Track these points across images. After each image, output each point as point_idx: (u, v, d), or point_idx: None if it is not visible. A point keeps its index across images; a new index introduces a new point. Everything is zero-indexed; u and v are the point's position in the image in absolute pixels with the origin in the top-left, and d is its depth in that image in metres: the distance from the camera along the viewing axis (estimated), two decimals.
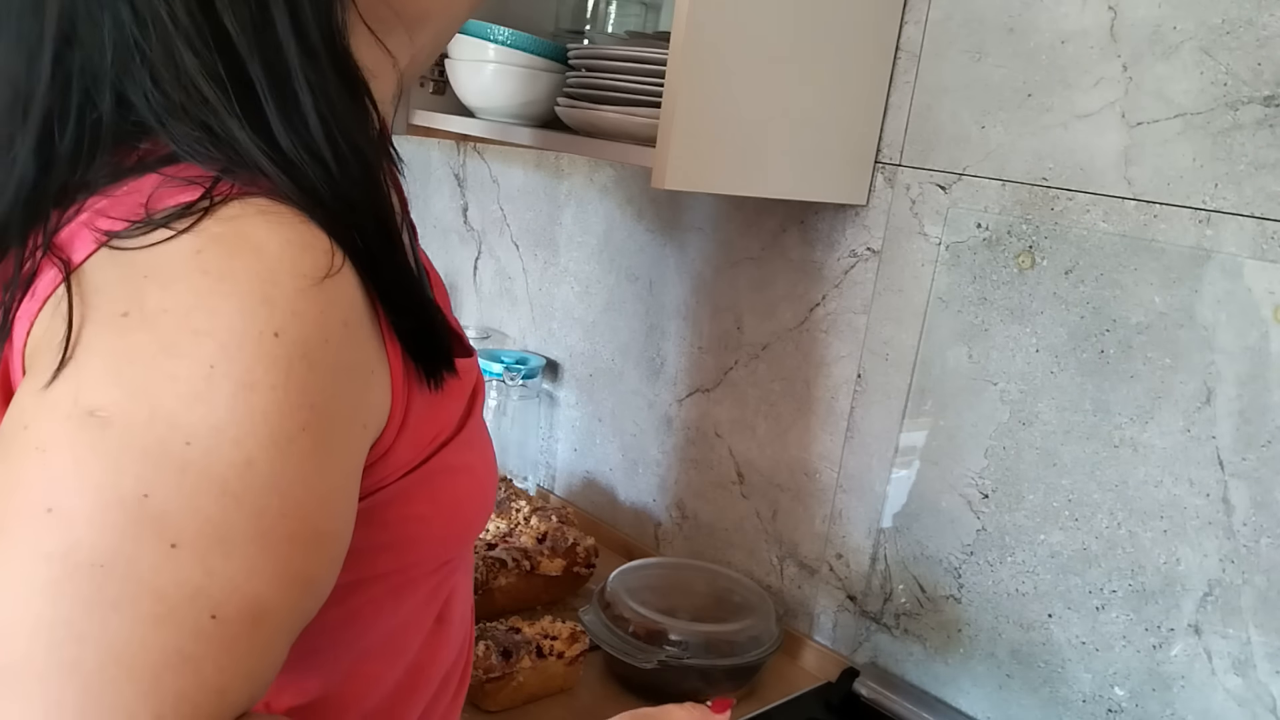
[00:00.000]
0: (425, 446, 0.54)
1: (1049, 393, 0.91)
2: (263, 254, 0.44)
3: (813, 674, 1.10)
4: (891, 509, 1.05)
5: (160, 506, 0.41)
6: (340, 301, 0.46)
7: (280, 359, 0.43)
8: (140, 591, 0.41)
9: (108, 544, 0.40)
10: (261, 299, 0.43)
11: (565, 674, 0.97)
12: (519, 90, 1.10)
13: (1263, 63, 0.77)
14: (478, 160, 1.56)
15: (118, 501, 0.40)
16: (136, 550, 0.41)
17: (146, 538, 0.41)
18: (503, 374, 1.37)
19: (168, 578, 0.41)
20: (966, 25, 0.95)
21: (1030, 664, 0.95)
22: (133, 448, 0.41)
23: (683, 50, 0.80)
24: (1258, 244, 0.78)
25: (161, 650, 0.41)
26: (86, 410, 0.41)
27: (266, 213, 0.45)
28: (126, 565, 0.41)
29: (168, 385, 0.41)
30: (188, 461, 0.41)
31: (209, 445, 0.42)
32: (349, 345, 0.46)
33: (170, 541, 0.41)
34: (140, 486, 0.41)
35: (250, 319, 0.42)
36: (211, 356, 0.42)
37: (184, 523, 0.42)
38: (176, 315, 0.42)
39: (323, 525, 0.47)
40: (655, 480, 1.32)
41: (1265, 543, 0.80)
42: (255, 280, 0.43)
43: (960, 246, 0.97)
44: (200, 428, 0.42)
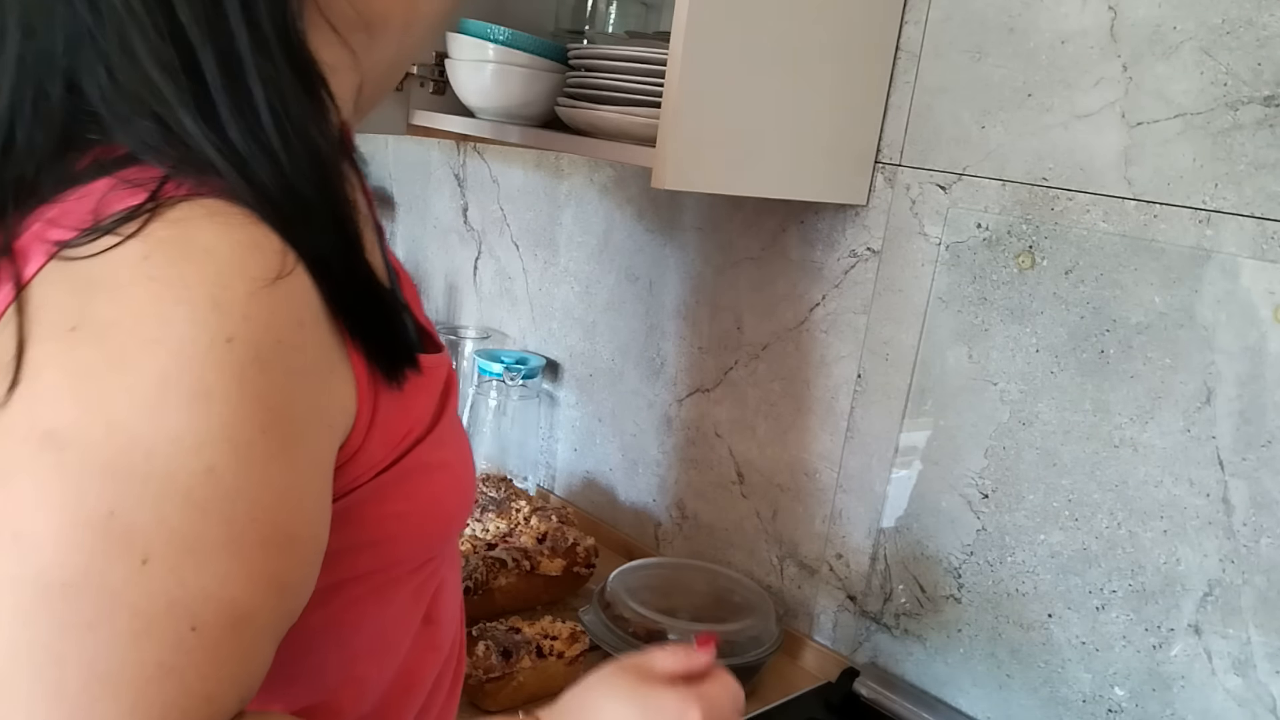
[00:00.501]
0: (398, 444, 0.54)
1: (1049, 393, 0.91)
2: (212, 257, 0.43)
3: (813, 674, 1.10)
4: (891, 509, 1.05)
5: (127, 522, 0.40)
6: (293, 303, 0.45)
7: (233, 365, 0.42)
8: (116, 609, 0.40)
9: (78, 564, 0.40)
10: (212, 304, 0.42)
11: (565, 674, 0.97)
12: (519, 90, 1.10)
13: (1263, 63, 0.77)
14: (478, 160, 1.56)
15: (84, 521, 0.40)
16: (107, 568, 0.40)
17: (116, 555, 0.40)
18: (503, 374, 1.37)
19: (142, 593, 0.41)
20: (966, 25, 0.95)
21: (1030, 664, 0.95)
22: (93, 466, 0.40)
23: (682, 50, 0.80)
24: (1258, 244, 0.78)
25: (143, 665, 0.41)
26: (43, 432, 0.40)
27: (215, 214, 0.44)
28: (99, 584, 0.40)
29: (123, 398, 0.41)
30: (149, 474, 0.41)
31: (169, 456, 0.41)
32: (305, 347, 0.46)
33: (141, 556, 0.41)
34: (104, 504, 0.40)
35: (201, 326, 0.42)
36: (164, 366, 0.41)
37: (152, 536, 0.41)
38: (126, 326, 0.41)
39: (294, 528, 0.46)
40: (655, 480, 1.32)
41: (1265, 543, 0.80)
42: (205, 285, 0.42)
43: (960, 246, 0.97)
44: (159, 439, 0.41)
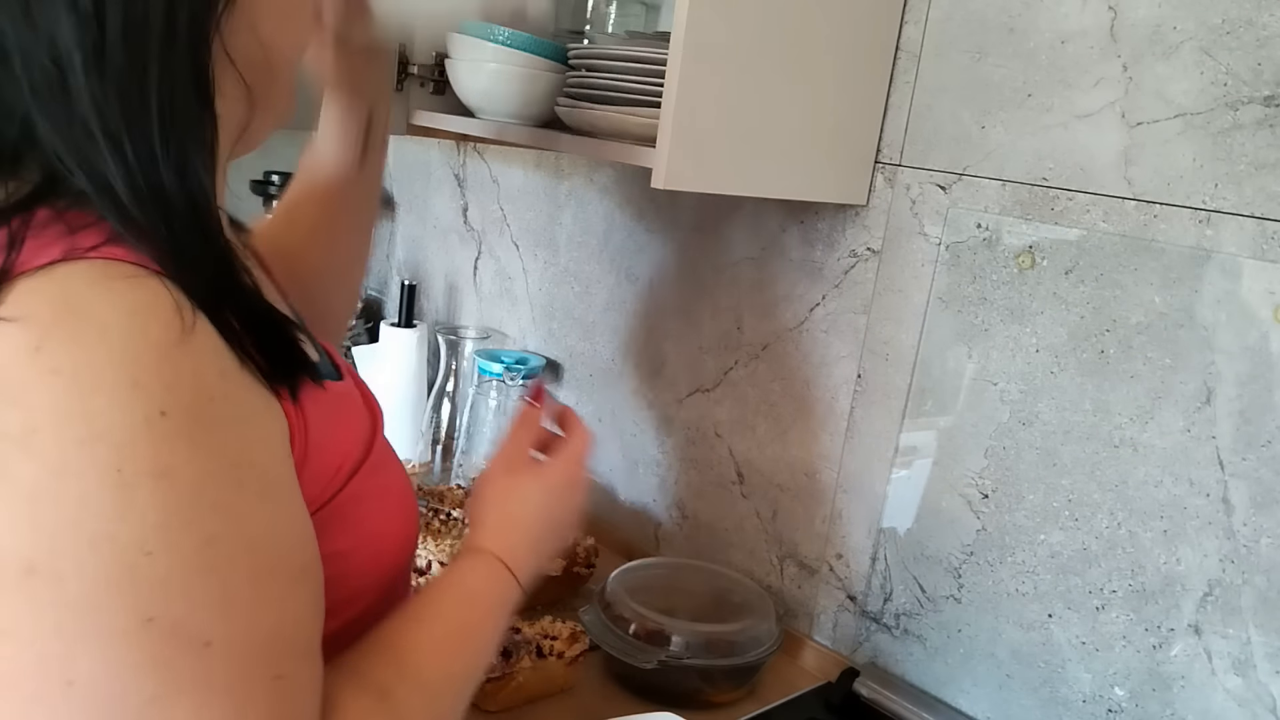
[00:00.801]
0: (331, 479, 0.53)
1: (1049, 393, 0.91)
2: (110, 333, 0.41)
3: (813, 674, 1.10)
4: (891, 509, 1.05)
5: (169, 620, 0.40)
6: (206, 354, 0.43)
7: (178, 435, 0.41)
8: (208, 696, 0.41)
9: (151, 677, 0.40)
10: (130, 384, 0.40)
11: (565, 674, 0.97)
12: (519, 90, 1.10)
13: (1263, 63, 0.77)
14: (478, 160, 1.56)
15: (128, 640, 0.39)
16: (180, 668, 0.40)
17: (178, 653, 0.40)
18: (503, 374, 1.37)
19: (221, 669, 0.41)
20: (966, 25, 0.95)
21: (1030, 664, 0.95)
22: (99, 586, 0.39)
23: (682, 50, 0.80)
24: (1258, 244, 0.78)
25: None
26: (23, 571, 0.38)
27: (96, 281, 0.42)
28: (178, 685, 0.40)
29: (85, 509, 0.39)
30: (159, 569, 0.40)
31: (166, 543, 0.40)
32: (234, 393, 0.45)
33: (201, 642, 0.41)
34: (136, 616, 0.39)
35: (127, 409, 0.40)
36: (111, 460, 0.39)
37: (199, 620, 0.41)
38: (49, 432, 0.39)
39: (305, 556, 0.47)
40: (655, 480, 1.32)
41: (1265, 543, 0.80)
42: (113, 366, 0.40)
43: (960, 246, 0.97)
44: (147, 533, 0.40)
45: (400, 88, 1.22)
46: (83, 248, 0.43)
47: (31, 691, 0.38)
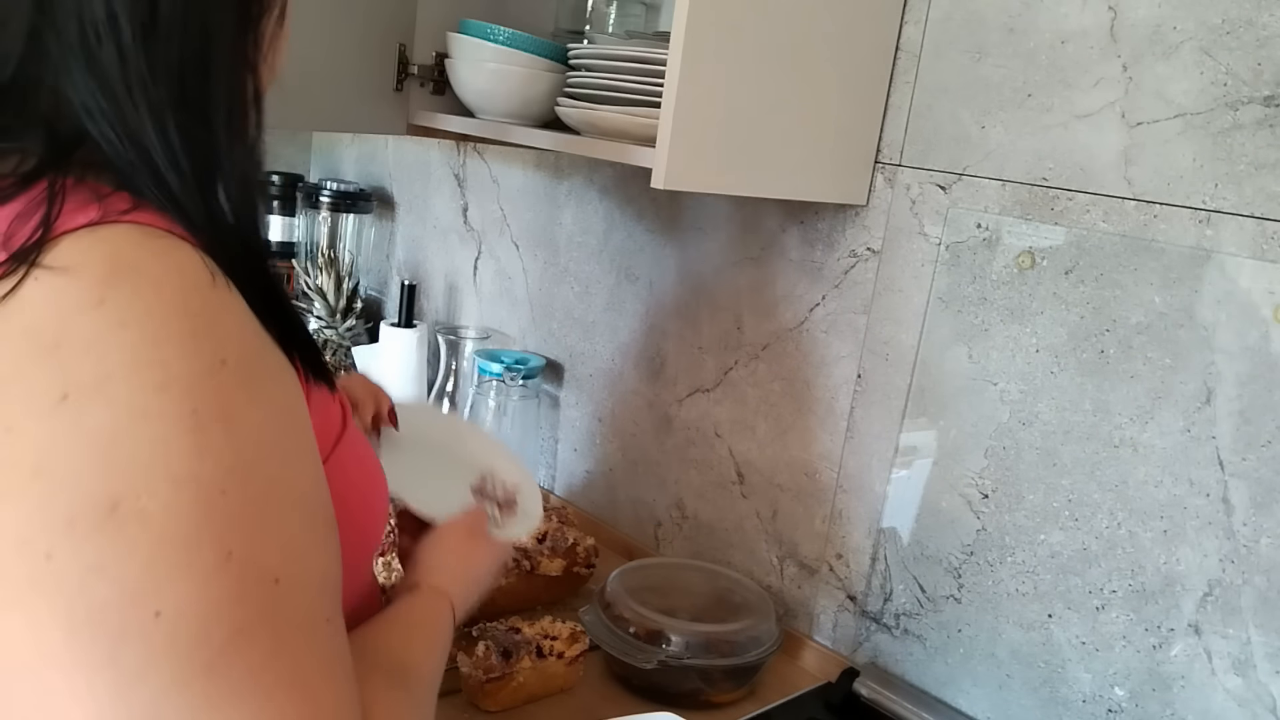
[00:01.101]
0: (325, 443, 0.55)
1: (1049, 393, 0.91)
2: (163, 288, 0.43)
3: (813, 674, 1.10)
4: (891, 509, 1.05)
5: (244, 555, 0.42)
6: (242, 314, 0.46)
7: (238, 383, 0.44)
8: (280, 631, 0.43)
9: (233, 611, 0.41)
10: (191, 334, 0.43)
11: (565, 674, 0.97)
12: (519, 90, 1.10)
13: (1263, 63, 0.77)
14: (478, 160, 1.56)
15: (210, 573, 0.41)
16: (257, 602, 0.42)
17: (254, 587, 0.42)
18: (503, 374, 1.37)
19: (290, 608, 0.44)
20: (966, 25, 0.95)
21: (1030, 664, 0.95)
22: (183, 523, 0.41)
23: (682, 50, 0.80)
24: (1258, 244, 0.78)
25: (319, 665, 0.45)
26: (107, 510, 0.40)
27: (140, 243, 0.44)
28: (257, 618, 0.42)
29: (164, 449, 0.41)
30: (234, 507, 0.42)
31: (238, 483, 0.42)
32: (269, 349, 0.47)
33: (272, 578, 0.43)
34: (218, 550, 0.41)
35: (195, 357, 0.42)
36: (186, 404, 0.41)
37: (269, 557, 0.43)
38: (124, 378, 0.41)
39: (330, 510, 0.49)
40: (655, 480, 1.32)
41: (1265, 543, 0.80)
42: (174, 318, 0.42)
43: (960, 246, 0.97)
44: (221, 473, 0.42)
45: (400, 88, 1.22)
46: (116, 210, 0.45)
47: (119, 626, 0.39)
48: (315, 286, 1.53)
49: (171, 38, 0.46)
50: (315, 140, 1.96)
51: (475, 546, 0.75)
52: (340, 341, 1.53)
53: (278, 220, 1.76)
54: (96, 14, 0.44)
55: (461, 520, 0.76)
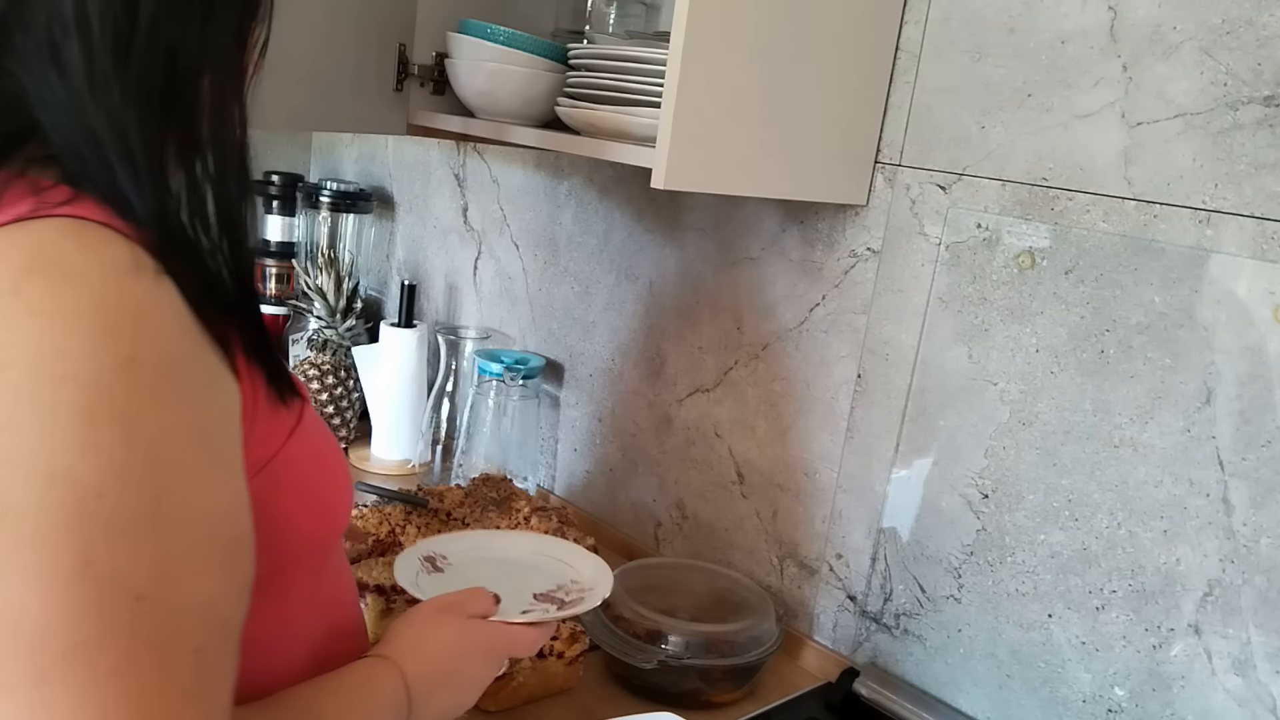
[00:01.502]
0: (273, 440, 0.54)
1: (1049, 393, 0.91)
2: (86, 281, 0.42)
3: (813, 674, 1.10)
4: (891, 509, 1.05)
5: (108, 567, 0.40)
6: (172, 313, 0.45)
7: (144, 384, 0.42)
8: (133, 651, 0.40)
9: (80, 623, 0.39)
10: (103, 330, 0.41)
11: (565, 674, 0.97)
12: (519, 90, 1.10)
13: (1263, 63, 0.77)
14: (478, 160, 1.56)
15: (66, 580, 0.39)
16: (111, 617, 0.40)
17: (112, 601, 0.40)
18: (503, 374, 1.37)
19: (148, 629, 0.41)
20: (966, 25, 0.95)
21: (1030, 664, 0.95)
22: (48, 523, 0.39)
23: (682, 50, 0.80)
24: (1258, 244, 0.78)
25: (171, 697, 0.42)
26: None
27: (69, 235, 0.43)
28: (109, 634, 0.40)
29: (46, 442, 0.40)
30: (107, 514, 0.40)
31: (120, 490, 0.41)
32: (197, 353, 0.46)
33: (134, 595, 0.41)
34: (78, 556, 0.40)
35: (102, 352, 0.41)
36: (81, 399, 0.40)
37: (136, 572, 0.41)
38: (24, 366, 0.40)
39: (240, 529, 0.47)
40: (655, 480, 1.32)
41: (1265, 543, 0.80)
42: (89, 312, 0.41)
43: (960, 246, 0.97)
44: (104, 476, 0.40)
45: (400, 88, 1.22)
46: (51, 203, 0.44)
47: None
48: (315, 286, 1.53)
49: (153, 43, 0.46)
50: (315, 140, 1.96)
51: (441, 622, 0.68)
52: (340, 341, 1.53)
53: (278, 220, 1.75)
54: (65, 11, 0.44)
55: (440, 598, 0.71)
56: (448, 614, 0.69)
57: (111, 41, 0.45)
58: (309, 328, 1.55)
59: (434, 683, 0.65)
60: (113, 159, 0.46)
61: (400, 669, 0.63)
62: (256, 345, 0.52)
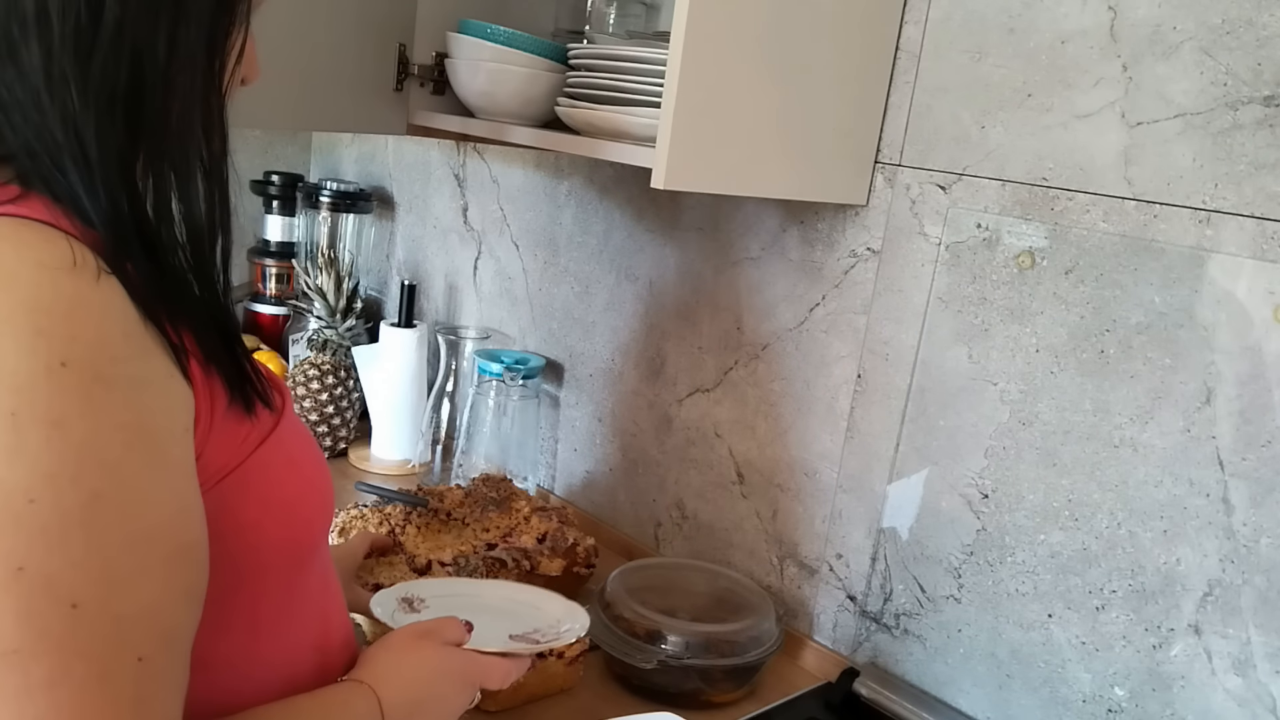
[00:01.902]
0: (237, 449, 0.53)
1: (1049, 393, 0.91)
2: (16, 282, 0.42)
3: (813, 674, 1.10)
4: (891, 509, 1.05)
5: (41, 573, 0.40)
6: (113, 315, 0.44)
7: (76, 388, 0.41)
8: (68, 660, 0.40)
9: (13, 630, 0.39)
10: (34, 331, 0.41)
11: (565, 674, 0.97)
12: (519, 90, 1.10)
13: (1263, 63, 0.77)
14: (478, 160, 1.56)
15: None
16: (43, 623, 0.39)
17: (45, 607, 0.40)
18: (503, 374, 1.37)
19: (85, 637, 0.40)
20: (966, 25, 0.95)
21: (1030, 664, 0.95)
22: None
23: (682, 50, 0.80)
24: (1258, 244, 0.78)
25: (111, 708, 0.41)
26: None
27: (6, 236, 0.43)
28: (42, 641, 0.39)
29: None
30: (39, 518, 0.40)
31: (51, 494, 0.40)
32: (137, 356, 0.45)
33: (69, 602, 0.40)
34: (10, 561, 0.39)
35: (31, 355, 0.40)
36: (8, 404, 0.40)
37: (71, 578, 0.40)
38: None
39: (187, 535, 0.47)
40: (655, 480, 1.32)
41: (1265, 543, 0.80)
42: (22, 313, 0.41)
43: (960, 246, 0.97)
44: (33, 480, 0.40)
45: (400, 88, 1.22)
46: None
47: None
48: (315, 286, 1.53)
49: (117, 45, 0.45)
50: (315, 140, 1.96)
51: (417, 647, 0.68)
52: (340, 341, 1.53)
53: (278, 220, 1.76)
54: (26, 10, 0.44)
55: (416, 625, 0.71)
56: (424, 640, 0.69)
57: (73, 41, 0.44)
58: (309, 328, 1.55)
59: (410, 708, 0.65)
60: (66, 160, 0.45)
61: (376, 693, 0.62)
62: (215, 351, 0.51)
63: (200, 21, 0.48)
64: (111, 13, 0.45)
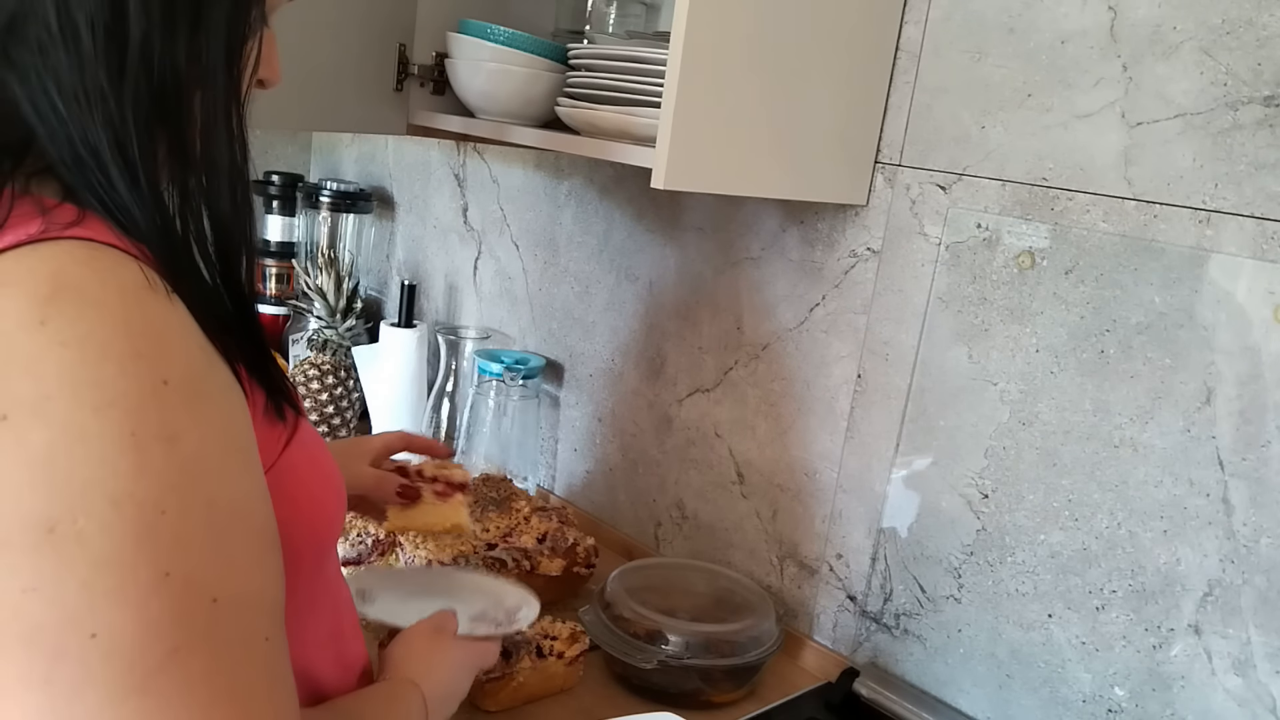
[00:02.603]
0: (271, 450, 0.55)
1: (1049, 393, 0.91)
2: (106, 308, 0.43)
3: (813, 674, 1.10)
4: (891, 509, 1.05)
5: (183, 575, 0.42)
6: (190, 331, 0.46)
7: (180, 402, 0.44)
8: (217, 651, 0.43)
9: (170, 630, 0.42)
10: (132, 355, 0.43)
11: (565, 674, 0.97)
12: (519, 90, 1.10)
13: (1263, 63, 0.77)
14: (478, 160, 1.56)
15: (147, 593, 0.41)
16: (193, 621, 0.42)
17: (192, 607, 0.43)
18: (503, 374, 1.37)
19: (227, 628, 0.44)
20: (966, 25, 0.95)
21: (1030, 664, 0.95)
22: (121, 543, 0.41)
23: (682, 50, 0.80)
24: (1258, 244, 0.78)
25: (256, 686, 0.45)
26: (44, 530, 0.40)
27: (83, 261, 0.44)
28: (195, 638, 0.42)
29: (102, 470, 0.41)
30: (172, 526, 0.42)
31: (179, 504, 0.43)
32: (214, 366, 0.47)
33: (210, 598, 0.43)
34: (155, 569, 0.42)
35: (135, 377, 0.42)
36: (125, 424, 0.42)
37: (208, 576, 0.43)
38: (64, 398, 0.41)
39: (272, 522, 0.50)
40: (655, 480, 1.32)
41: (1265, 543, 0.80)
42: (119, 338, 0.43)
43: (960, 246, 0.97)
44: (161, 492, 0.42)
45: (400, 88, 1.22)
46: (59, 224, 0.45)
47: (56, 646, 0.40)
48: (315, 286, 1.53)
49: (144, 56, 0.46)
50: (315, 140, 1.96)
51: (441, 645, 0.74)
52: (340, 341, 1.53)
53: (278, 220, 1.76)
54: (50, 22, 0.45)
55: (426, 621, 0.76)
56: (440, 636, 0.74)
57: (103, 52, 0.45)
58: (309, 328, 1.55)
59: (443, 701, 0.71)
60: (112, 169, 0.47)
61: (421, 691, 0.68)
62: (257, 361, 0.53)
63: (218, 32, 0.49)
64: (138, 27, 0.46)
